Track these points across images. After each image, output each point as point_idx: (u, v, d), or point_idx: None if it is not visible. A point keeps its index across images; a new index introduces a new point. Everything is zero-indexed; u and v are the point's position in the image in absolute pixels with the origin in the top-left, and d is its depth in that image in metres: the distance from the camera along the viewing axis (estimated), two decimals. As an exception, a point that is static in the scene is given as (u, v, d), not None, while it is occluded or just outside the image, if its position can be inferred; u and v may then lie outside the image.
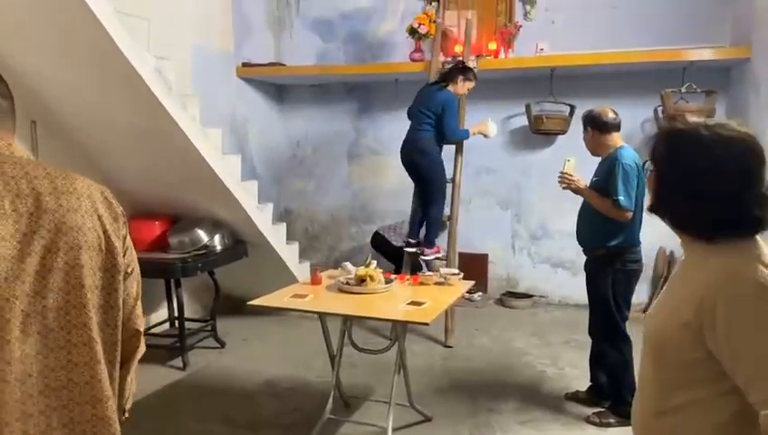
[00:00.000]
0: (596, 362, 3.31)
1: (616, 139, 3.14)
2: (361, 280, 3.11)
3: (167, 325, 4.51)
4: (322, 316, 3.11)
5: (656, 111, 4.90)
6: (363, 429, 3.08)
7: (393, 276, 3.33)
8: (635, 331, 2.58)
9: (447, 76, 4.34)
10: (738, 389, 1.11)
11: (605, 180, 3.05)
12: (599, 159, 3.22)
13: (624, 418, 2.99)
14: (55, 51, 3.12)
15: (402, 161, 4.45)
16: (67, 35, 3.08)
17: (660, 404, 1.23)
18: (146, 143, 3.80)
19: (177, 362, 4.02)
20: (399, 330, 3.02)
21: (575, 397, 3.43)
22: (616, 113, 3.15)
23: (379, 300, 3.04)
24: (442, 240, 4.65)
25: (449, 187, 4.57)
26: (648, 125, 5.00)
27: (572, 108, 5.04)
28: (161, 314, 4.58)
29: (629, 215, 2.96)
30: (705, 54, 4.56)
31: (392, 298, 3.04)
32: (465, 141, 4.64)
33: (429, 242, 4.50)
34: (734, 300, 1.09)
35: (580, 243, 3.28)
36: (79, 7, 2.87)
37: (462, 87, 4.32)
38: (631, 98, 4.82)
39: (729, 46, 4.68)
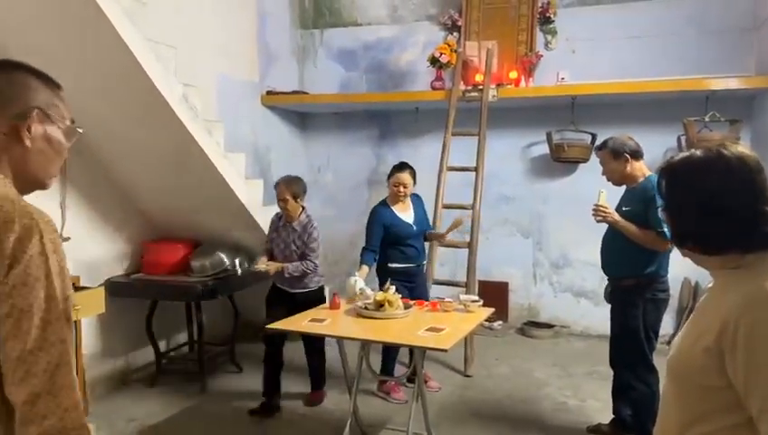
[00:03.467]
0: (620, 394, 3.22)
1: (643, 166, 3.11)
2: (380, 305, 3.10)
3: (186, 349, 4.54)
4: (340, 341, 3.09)
5: (679, 139, 4.86)
6: (380, 457, 3.03)
7: (411, 302, 3.31)
8: (659, 363, 2.52)
9: None
10: None
11: (642, 211, 2.95)
12: (620, 188, 3.18)
13: (649, 452, 2.89)
14: (86, 76, 3.22)
15: None
16: (96, 60, 3.18)
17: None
18: (171, 167, 3.88)
19: (196, 386, 4.02)
20: (418, 356, 2.99)
21: (597, 430, 3.34)
22: (633, 139, 3.13)
23: (398, 325, 3.02)
24: (461, 268, 4.59)
25: (469, 213, 4.51)
26: (671, 154, 4.93)
27: (594, 136, 5.02)
28: (181, 337, 4.60)
29: (670, 245, 2.89)
30: (730, 84, 4.52)
31: (411, 324, 3.02)
32: (484, 169, 4.66)
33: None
34: (755, 326, 1.07)
35: (606, 273, 3.21)
36: (110, 34, 2.98)
37: (391, 189, 3.96)
38: (654, 126, 4.78)
39: (754, 75, 4.64)
